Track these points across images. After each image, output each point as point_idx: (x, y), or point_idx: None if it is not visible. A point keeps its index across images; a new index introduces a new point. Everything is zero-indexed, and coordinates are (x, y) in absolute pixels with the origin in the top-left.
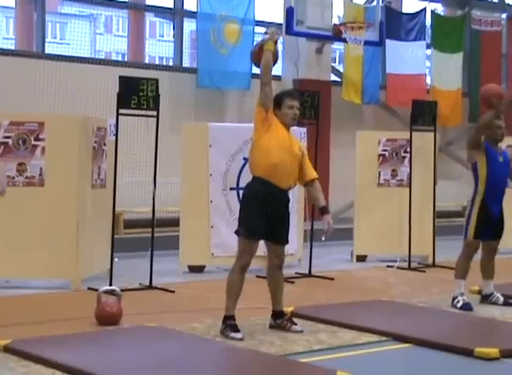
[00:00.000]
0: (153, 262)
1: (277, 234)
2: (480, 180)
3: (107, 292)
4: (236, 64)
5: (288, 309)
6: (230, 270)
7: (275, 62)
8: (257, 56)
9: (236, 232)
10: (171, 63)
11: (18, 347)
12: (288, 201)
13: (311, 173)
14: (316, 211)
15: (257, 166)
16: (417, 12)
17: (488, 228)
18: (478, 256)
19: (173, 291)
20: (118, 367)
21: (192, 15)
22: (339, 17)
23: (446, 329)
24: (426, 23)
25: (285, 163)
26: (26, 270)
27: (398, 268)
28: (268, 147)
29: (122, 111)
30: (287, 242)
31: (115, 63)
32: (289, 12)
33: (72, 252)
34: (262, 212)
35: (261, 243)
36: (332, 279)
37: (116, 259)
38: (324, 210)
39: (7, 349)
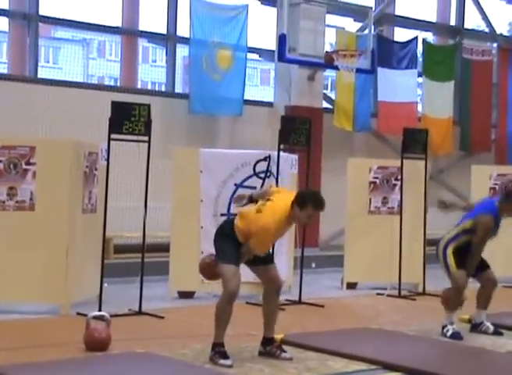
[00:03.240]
0: (143, 288)
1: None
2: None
3: (96, 317)
4: (229, 90)
5: (278, 336)
6: (219, 298)
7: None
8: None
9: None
10: (163, 89)
11: (5, 372)
12: None
13: None
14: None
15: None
16: (408, 41)
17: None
18: (475, 285)
19: (163, 317)
20: None
21: (185, 41)
22: (331, 45)
23: (436, 358)
24: (418, 52)
25: None
26: (15, 294)
27: (388, 296)
28: None
29: (113, 136)
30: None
31: (108, 88)
32: (281, 39)
33: (61, 277)
34: None
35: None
36: (322, 306)
37: (106, 284)
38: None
39: None
